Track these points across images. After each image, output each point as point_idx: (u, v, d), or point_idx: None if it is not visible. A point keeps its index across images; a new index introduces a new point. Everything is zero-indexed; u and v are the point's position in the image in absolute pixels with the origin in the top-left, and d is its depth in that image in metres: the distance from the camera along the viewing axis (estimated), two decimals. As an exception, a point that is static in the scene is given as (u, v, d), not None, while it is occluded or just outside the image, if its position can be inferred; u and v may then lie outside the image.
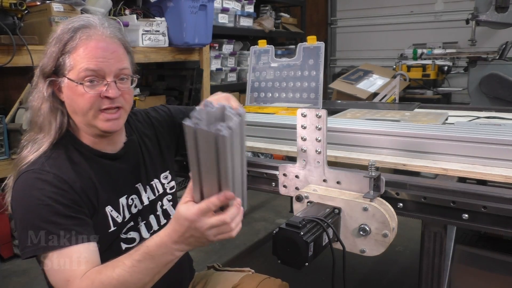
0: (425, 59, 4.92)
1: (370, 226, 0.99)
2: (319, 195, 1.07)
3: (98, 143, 1.08)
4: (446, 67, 4.84)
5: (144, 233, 1.15)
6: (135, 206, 1.13)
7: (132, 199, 1.13)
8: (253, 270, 1.42)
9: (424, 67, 4.84)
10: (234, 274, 1.39)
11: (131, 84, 1.07)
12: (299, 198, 1.10)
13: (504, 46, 3.83)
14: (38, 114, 1.04)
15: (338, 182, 1.09)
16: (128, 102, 1.07)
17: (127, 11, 2.99)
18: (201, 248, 2.80)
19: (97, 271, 0.91)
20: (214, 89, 3.97)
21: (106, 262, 0.93)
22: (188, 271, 1.36)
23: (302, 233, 0.90)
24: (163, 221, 1.20)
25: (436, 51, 5.06)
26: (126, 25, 2.80)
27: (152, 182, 1.20)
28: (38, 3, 2.59)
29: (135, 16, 2.93)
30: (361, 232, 1.00)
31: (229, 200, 0.84)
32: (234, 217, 0.86)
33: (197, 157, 0.81)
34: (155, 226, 1.18)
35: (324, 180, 1.11)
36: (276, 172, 1.21)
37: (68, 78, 1.00)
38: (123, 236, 1.09)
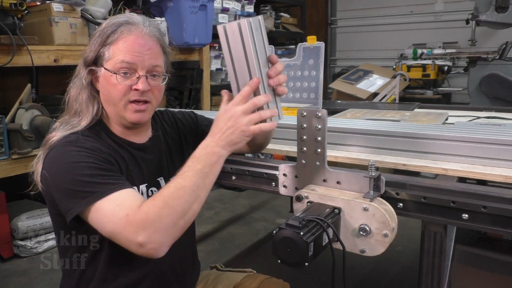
0: (425, 59, 4.92)
1: (370, 226, 0.99)
2: (319, 195, 1.07)
3: (126, 134, 1.14)
4: (446, 67, 4.84)
5: None
6: None
7: (151, 190, 1.17)
8: (254, 271, 1.42)
9: (424, 67, 4.84)
10: (235, 274, 1.40)
11: (162, 82, 1.13)
12: (299, 198, 1.10)
13: (504, 46, 3.83)
14: (76, 99, 1.10)
15: (338, 182, 1.09)
16: (156, 98, 1.13)
17: (127, 11, 2.99)
18: (202, 248, 2.80)
19: (155, 194, 0.95)
20: (214, 89, 3.97)
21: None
22: (198, 273, 1.38)
23: (302, 233, 0.90)
24: None
25: (436, 51, 5.06)
26: (126, 25, 2.80)
27: (171, 179, 1.22)
28: (38, 3, 2.59)
29: (135, 16, 2.93)
30: (361, 232, 1.00)
31: (257, 83, 0.96)
32: (261, 101, 0.97)
33: (230, 54, 0.98)
34: None
35: (324, 180, 1.11)
36: (276, 172, 1.21)
37: (105, 68, 1.06)
38: None
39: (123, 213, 0.91)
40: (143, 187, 1.14)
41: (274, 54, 1.05)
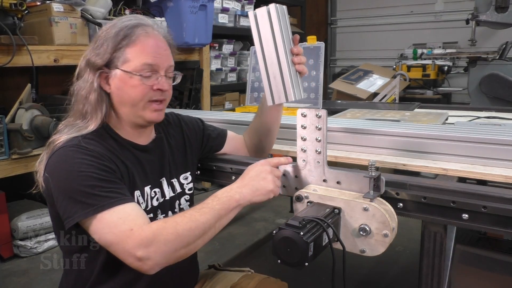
0: (425, 59, 4.92)
1: (370, 226, 0.99)
2: (319, 195, 1.07)
3: (132, 136, 1.15)
4: (446, 67, 4.84)
5: None
6: (157, 200, 1.18)
7: (155, 191, 1.17)
8: (252, 270, 1.43)
9: (424, 67, 4.84)
10: (233, 273, 1.40)
11: (175, 81, 1.18)
12: (299, 198, 1.10)
13: (504, 46, 3.83)
14: (83, 102, 1.08)
15: (338, 182, 1.09)
16: (169, 97, 1.16)
17: (127, 11, 2.99)
18: (201, 248, 2.79)
19: (169, 217, 1.00)
20: (214, 89, 3.97)
21: None
22: (197, 274, 1.39)
23: (302, 233, 0.90)
24: None
25: (436, 51, 5.06)
26: (126, 25, 2.80)
27: (173, 180, 1.24)
28: (38, 3, 2.59)
29: (135, 16, 2.92)
30: (361, 232, 1.00)
31: (289, 160, 1.11)
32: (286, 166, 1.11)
33: (259, 35, 1.11)
34: None
35: (324, 180, 1.11)
36: (276, 172, 1.21)
37: (123, 70, 1.07)
38: None
39: (126, 226, 0.93)
40: (147, 189, 1.15)
41: (297, 35, 1.15)
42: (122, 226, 0.94)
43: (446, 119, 1.77)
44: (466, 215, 0.97)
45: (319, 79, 1.91)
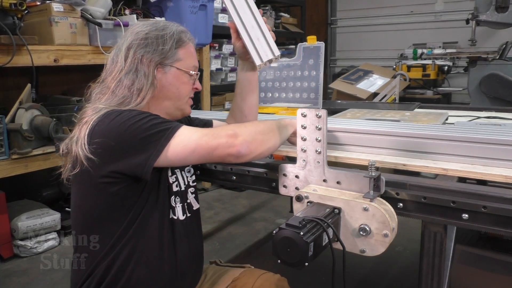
0: (425, 59, 4.92)
1: (370, 226, 0.99)
2: (319, 195, 1.07)
3: None
4: (446, 67, 4.84)
5: (176, 214, 1.20)
6: (176, 186, 1.22)
7: (173, 178, 1.22)
8: (252, 266, 1.44)
9: (424, 67, 4.85)
10: (234, 269, 1.43)
11: None
12: (299, 198, 1.10)
13: (504, 46, 3.83)
14: (133, 95, 1.13)
15: (338, 182, 1.09)
16: None
17: (127, 11, 2.99)
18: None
19: None
20: (214, 89, 3.98)
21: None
22: (202, 268, 1.41)
23: (302, 233, 0.90)
24: (187, 213, 1.25)
25: (436, 51, 5.06)
26: (126, 25, 2.80)
27: (182, 172, 1.28)
28: (38, 3, 2.59)
29: (135, 16, 2.93)
30: (361, 232, 1.00)
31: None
32: None
33: (240, 19, 1.28)
34: (180, 215, 1.22)
35: (324, 180, 1.11)
36: (276, 172, 1.22)
37: (178, 68, 1.19)
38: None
39: (206, 129, 1.07)
40: (169, 173, 1.19)
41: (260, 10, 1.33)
42: (202, 129, 1.07)
43: (446, 119, 1.77)
44: (466, 215, 0.97)
45: (319, 79, 1.91)
